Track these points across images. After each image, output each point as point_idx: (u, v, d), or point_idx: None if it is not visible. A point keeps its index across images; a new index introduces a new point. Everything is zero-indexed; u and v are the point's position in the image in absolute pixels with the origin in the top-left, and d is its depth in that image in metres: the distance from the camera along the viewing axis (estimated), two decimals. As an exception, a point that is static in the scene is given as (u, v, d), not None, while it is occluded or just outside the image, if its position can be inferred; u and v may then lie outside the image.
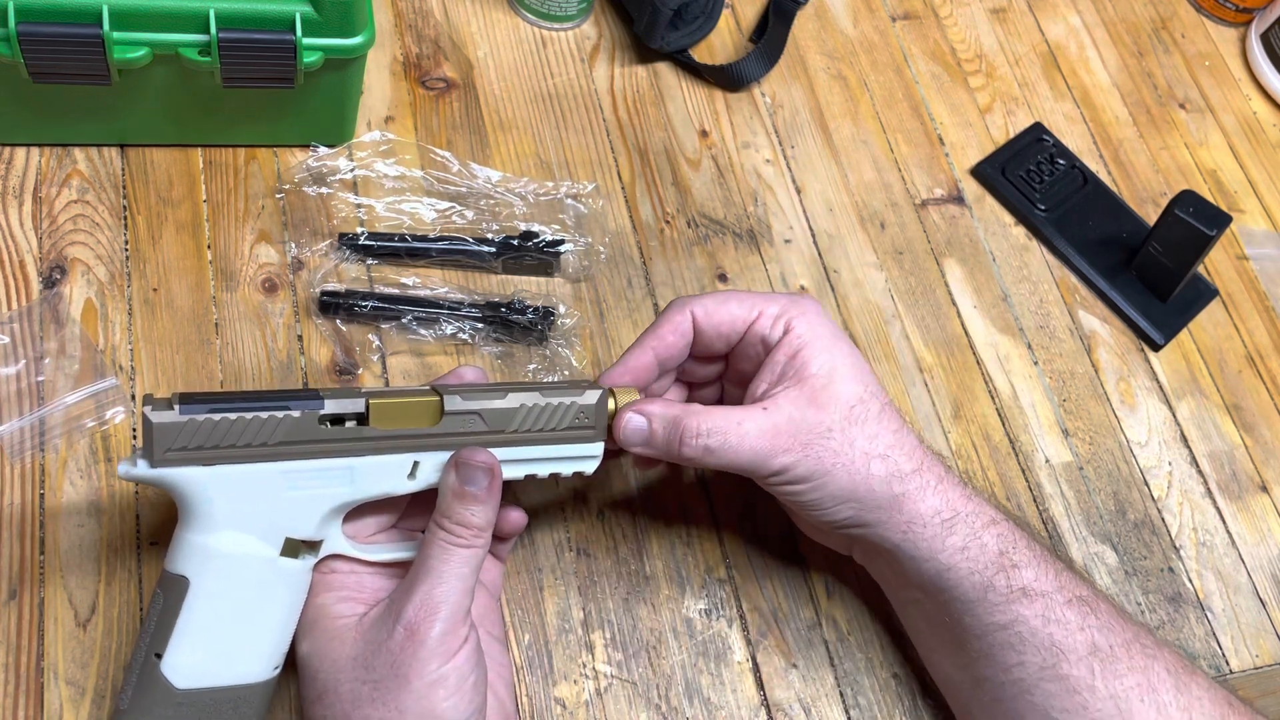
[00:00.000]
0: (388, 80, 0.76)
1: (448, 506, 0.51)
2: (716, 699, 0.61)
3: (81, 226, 0.67)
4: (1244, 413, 0.77)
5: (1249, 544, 0.72)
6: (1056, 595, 0.55)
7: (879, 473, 0.56)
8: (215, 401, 0.49)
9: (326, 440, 0.51)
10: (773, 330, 0.58)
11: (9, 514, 0.59)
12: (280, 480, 0.50)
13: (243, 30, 0.62)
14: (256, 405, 0.49)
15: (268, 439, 0.50)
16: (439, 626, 0.49)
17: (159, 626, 0.49)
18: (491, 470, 0.52)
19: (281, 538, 0.51)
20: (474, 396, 0.53)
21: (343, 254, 0.69)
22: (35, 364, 0.62)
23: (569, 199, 0.74)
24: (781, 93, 0.83)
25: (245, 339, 0.66)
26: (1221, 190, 0.87)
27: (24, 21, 0.60)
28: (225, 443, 0.49)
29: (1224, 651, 0.68)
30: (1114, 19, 0.94)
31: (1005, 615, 0.55)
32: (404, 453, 0.53)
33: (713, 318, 0.59)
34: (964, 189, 0.82)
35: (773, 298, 0.59)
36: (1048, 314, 0.78)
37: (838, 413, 0.56)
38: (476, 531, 0.51)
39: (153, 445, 0.48)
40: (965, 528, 0.56)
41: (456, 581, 0.50)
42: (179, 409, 0.48)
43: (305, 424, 0.50)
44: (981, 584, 0.55)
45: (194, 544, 0.49)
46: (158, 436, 0.48)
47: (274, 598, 0.51)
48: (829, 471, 0.55)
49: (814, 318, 0.58)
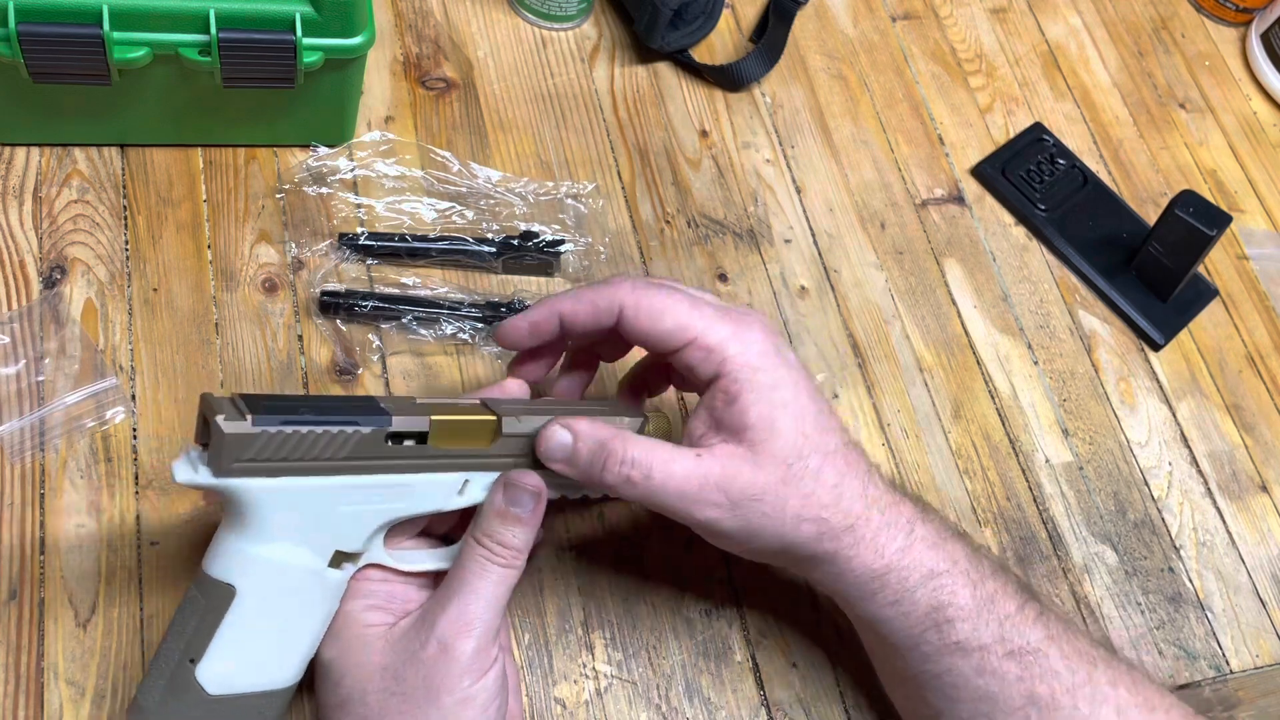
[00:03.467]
0: (388, 80, 0.76)
1: (490, 525, 0.51)
2: (716, 699, 0.61)
3: (81, 226, 0.67)
4: (1244, 413, 0.77)
5: (1249, 544, 0.72)
6: (995, 648, 0.53)
7: (808, 533, 0.53)
8: (284, 413, 0.48)
9: (389, 457, 0.50)
10: (705, 364, 0.53)
11: (9, 514, 0.59)
12: (340, 495, 0.50)
13: (243, 30, 0.62)
14: (328, 419, 0.48)
15: (334, 454, 0.49)
16: (472, 644, 0.49)
17: (198, 632, 0.49)
18: (539, 495, 0.52)
19: (332, 550, 0.50)
20: (527, 418, 0.53)
21: (343, 254, 0.69)
22: (35, 364, 0.62)
23: (569, 199, 0.74)
24: (781, 93, 0.83)
25: (245, 339, 0.66)
26: (1221, 190, 0.87)
27: (24, 21, 0.60)
28: (293, 456, 0.48)
29: (1224, 651, 0.68)
30: (1114, 19, 0.94)
31: (938, 665, 0.54)
32: (458, 471, 0.53)
33: (639, 323, 0.53)
34: (964, 189, 0.82)
35: (714, 318, 0.53)
36: (1048, 314, 0.78)
37: (774, 474, 0.53)
38: (516, 553, 0.51)
39: (221, 455, 0.46)
40: (897, 583, 0.54)
41: (491, 600, 0.50)
42: (252, 419, 0.46)
43: (372, 441, 0.49)
44: (914, 635, 0.54)
45: (245, 553, 0.49)
46: (228, 447, 0.46)
47: (314, 608, 0.51)
48: (756, 533, 0.53)
49: (754, 353, 0.53)
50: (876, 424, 0.71)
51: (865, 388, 0.72)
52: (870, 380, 0.73)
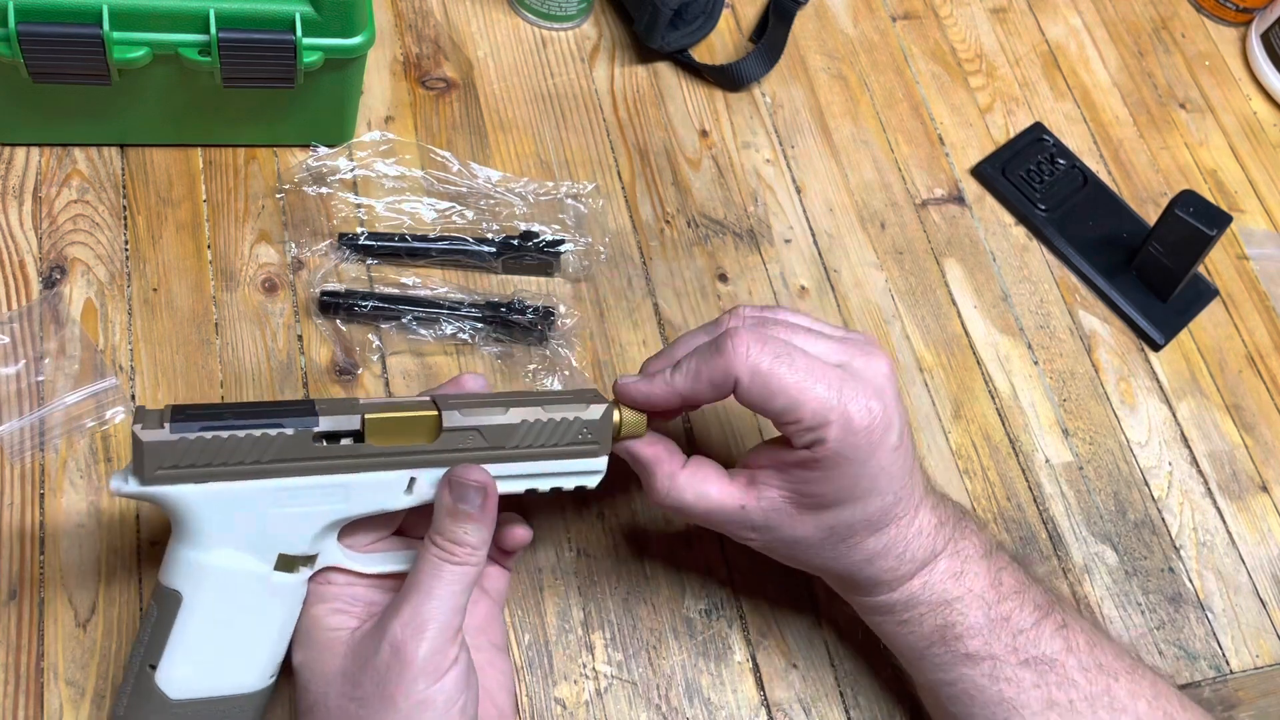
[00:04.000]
0: (388, 80, 0.76)
1: (441, 524, 0.50)
2: (716, 699, 0.61)
3: (81, 226, 0.67)
4: (1244, 413, 0.77)
5: (1249, 544, 0.72)
6: (1008, 657, 0.54)
7: (830, 573, 0.57)
8: (207, 419, 0.48)
9: (321, 458, 0.50)
10: (801, 438, 0.52)
11: (9, 514, 0.59)
12: (273, 497, 0.49)
13: (243, 30, 0.62)
14: (250, 423, 0.48)
15: (260, 457, 0.49)
16: (425, 645, 0.48)
17: (153, 639, 0.49)
18: (485, 489, 0.51)
19: (275, 553, 0.50)
20: (473, 411, 0.52)
21: (343, 254, 0.69)
22: (35, 364, 0.62)
23: (569, 199, 0.74)
24: (781, 93, 0.83)
25: (245, 339, 0.66)
26: (1222, 190, 0.87)
27: (24, 21, 0.60)
28: (217, 460, 0.48)
29: (1224, 651, 0.68)
30: (1114, 19, 0.94)
31: (949, 674, 0.55)
32: (401, 469, 0.51)
33: (751, 399, 0.52)
34: (964, 189, 0.82)
35: (825, 394, 0.51)
36: (1048, 314, 0.78)
37: (817, 534, 0.54)
38: (470, 550, 0.50)
39: (143, 463, 0.47)
40: (905, 610, 0.56)
41: (446, 600, 0.49)
42: (170, 426, 0.47)
43: (299, 442, 0.49)
44: (919, 649, 0.56)
45: (186, 559, 0.49)
46: (148, 455, 0.47)
47: (268, 612, 0.50)
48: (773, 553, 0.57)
49: (855, 434, 0.51)
50: (876, 424, 0.71)
51: (865, 388, 0.72)
52: (870, 380, 0.73)
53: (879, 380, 0.52)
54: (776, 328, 0.54)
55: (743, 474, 0.55)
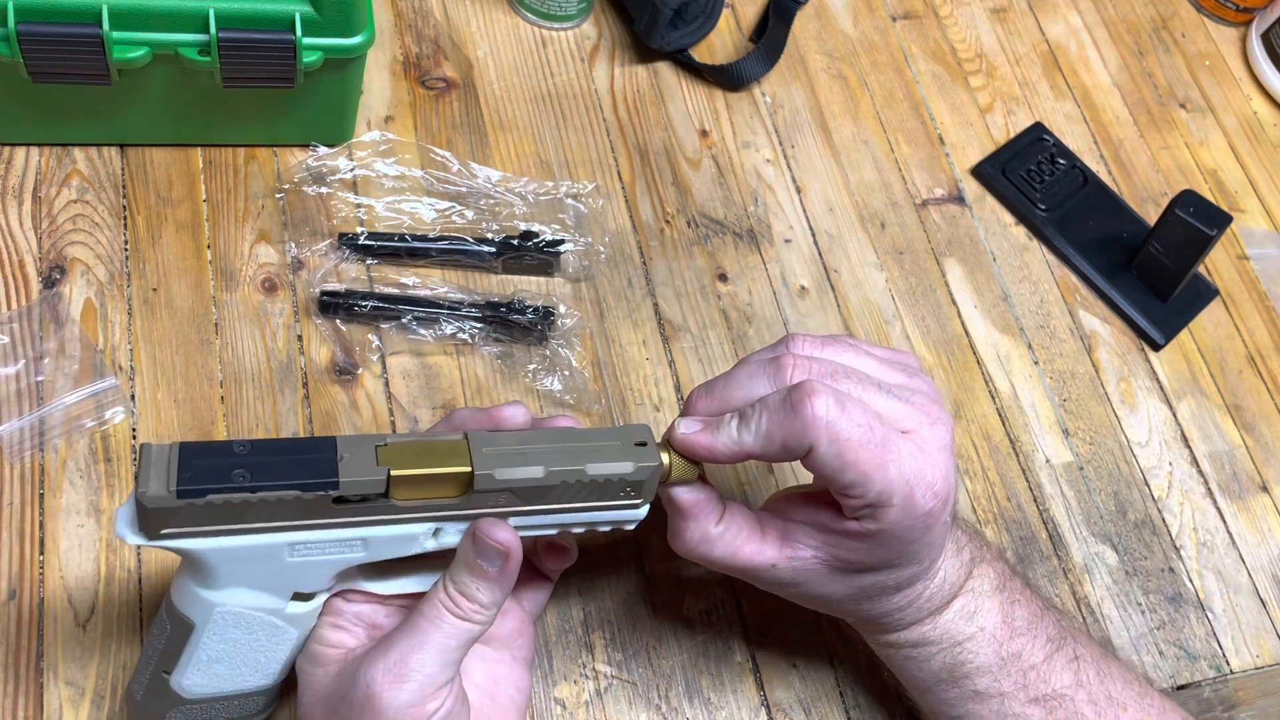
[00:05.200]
0: (388, 80, 0.76)
1: (457, 573, 0.48)
2: (716, 699, 0.61)
3: (81, 226, 0.67)
4: (1244, 413, 0.77)
5: (1249, 544, 0.72)
6: (1017, 694, 0.53)
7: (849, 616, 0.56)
8: (216, 478, 0.44)
9: (340, 515, 0.47)
10: (858, 511, 0.49)
11: (9, 514, 0.59)
12: (288, 549, 0.47)
13: (242, 30, 0.62)
14: (263, 484, 0.45)
15: (273, 517, 0.46)
16: (403, 696, 0.46)
17: (165, 652, 0.49)
18: (508, 553, 0.48)
19: (290, 591, 0.49)
20: (508, 468, 0.48)
21: (342, 254, 0.69)
22: (35, 364, 0.62)
23: (569, 199, 0.74)
24: (782, 93, 0.83)
25: (245, 339, 0.66)
26: (1222, 190, 0.87)
27: (24, 21, 0.60)
28: (227, 520, 0.45)
29: (1224, 651, 0.68)
30: (1114, 19, 0.94)
31: (955, 710, 0.55)
32: (426, 522, 0.49)
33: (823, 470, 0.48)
34: (964, 189, 0.82)
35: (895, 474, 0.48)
36: (1048, 314, 0.78)
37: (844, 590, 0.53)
38: (478, 608, 0.48)
39: (148, 523, 0.44)
40: (915, 647, 0.55)
41: (437, 653, 0.47)
42: (176, 491, 0.43)
43: (317, 504, 0.46)
44: (927, 683, 0.56)
45: (198, 595, 0.48)
46: (152, 518, 0.44)
47: (281, 634, 0.50)
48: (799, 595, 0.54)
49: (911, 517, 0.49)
50: (876, 424, 0.71)
51: (865, 388, 0.72)
52: (870, 380, 0.73)
53: (943, 454, 0.49)
54: (849, 381, 0.50)
55: (775, 525, 0.52)
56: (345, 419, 0.64)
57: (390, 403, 0.66)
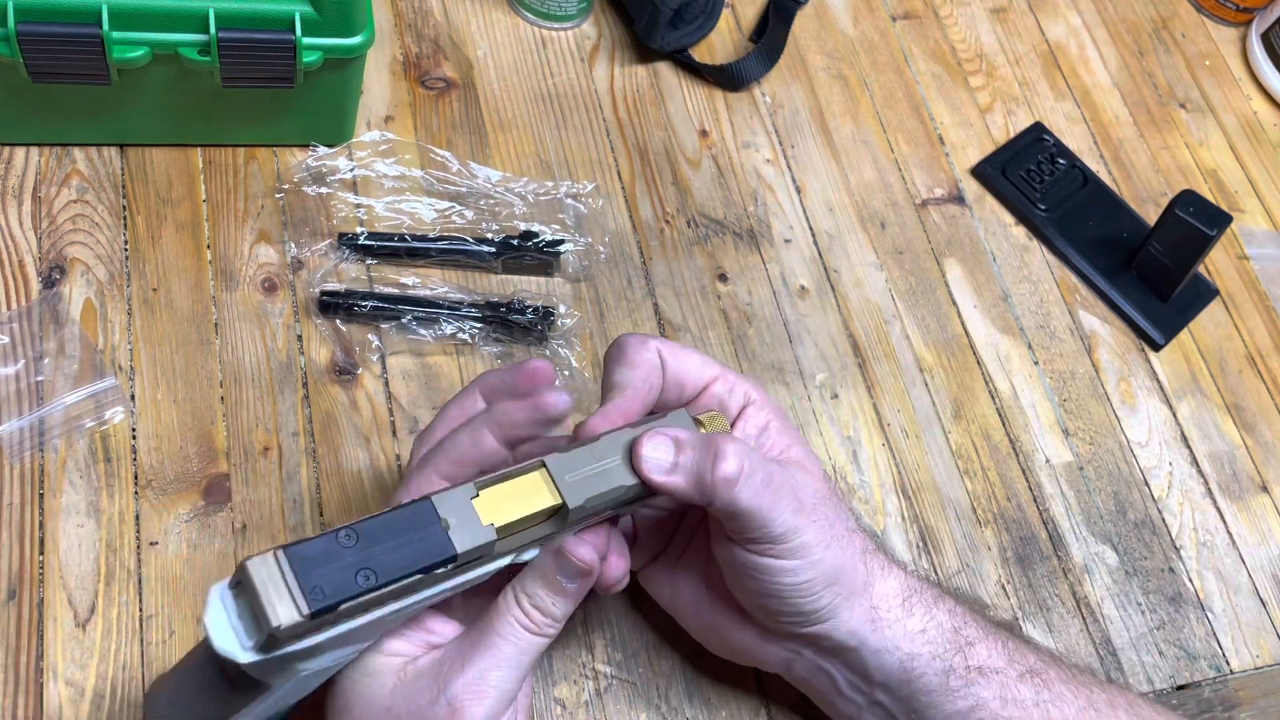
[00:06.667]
0: (387, 80, 0.76)
1: (533, 587, 0.48)
2: (717, 699, 0.61)
3: (81, 226, 0.67)
4: (1244, 413, 0.77)
5: (1249, 544, 0.72)
6: (1009, 670, 0.52)
7: (858, 546, 0.53)
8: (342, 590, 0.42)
9: (449, 577, 0.46)
10: (733, 396, 0.54)
11: (9, 514, 0.59)
12: (391, 617, 0.45)
13: (242, 30, 0.62)
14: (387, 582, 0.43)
15: (389, 600, 0.44)
16: (484, 710, 0.46)
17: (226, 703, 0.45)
18: (590, 572, 0.48)
19: (378, 639, 0.48)
20: (595, 491, 0.49)
21: (342, 254, 0.69)
22: (34, 364, 0.62)
23: (569, 199, 0.74)
24: (781, 92, 0.83)
25: (245, 339, 0.66)
26: (1222, 190, 0.87)
27: (24, 21, 0.60)
28: (346, 618, 0.43)
29: (1224, 651, 0.68)
30: (1114, 18, 0.94)
31: (966, 701, 0.52)
32: (513, 553, 0.49)
33: (679, 360, 0.54)
34: (964, 189, 0.82)
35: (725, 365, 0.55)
36: (1048, 314, 0.78)
37: (823, 484, 0.53)
38: (551, 622, 0.48)
39: (272, 643, 0.41)
40: (921, 606, 0.53)
41: (514, 669, 0.47)
42: (310, 614, 0.41)
43: (433, 577, 0.45)
44: (943, 669, 0.52)
45: (286, 666, 0.44)
46: (281, 639, 0.41)
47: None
48: (827, 545, 0.51)
49: (764, 392, 0.55)
50: (876, 424, 0.71)
51: (865, 388, 0.72)
52: (870, 380, 0.73)
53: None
54: None
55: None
56: (345, 419, 0.64)
57: (390, 403, 0.66)
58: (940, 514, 0.69)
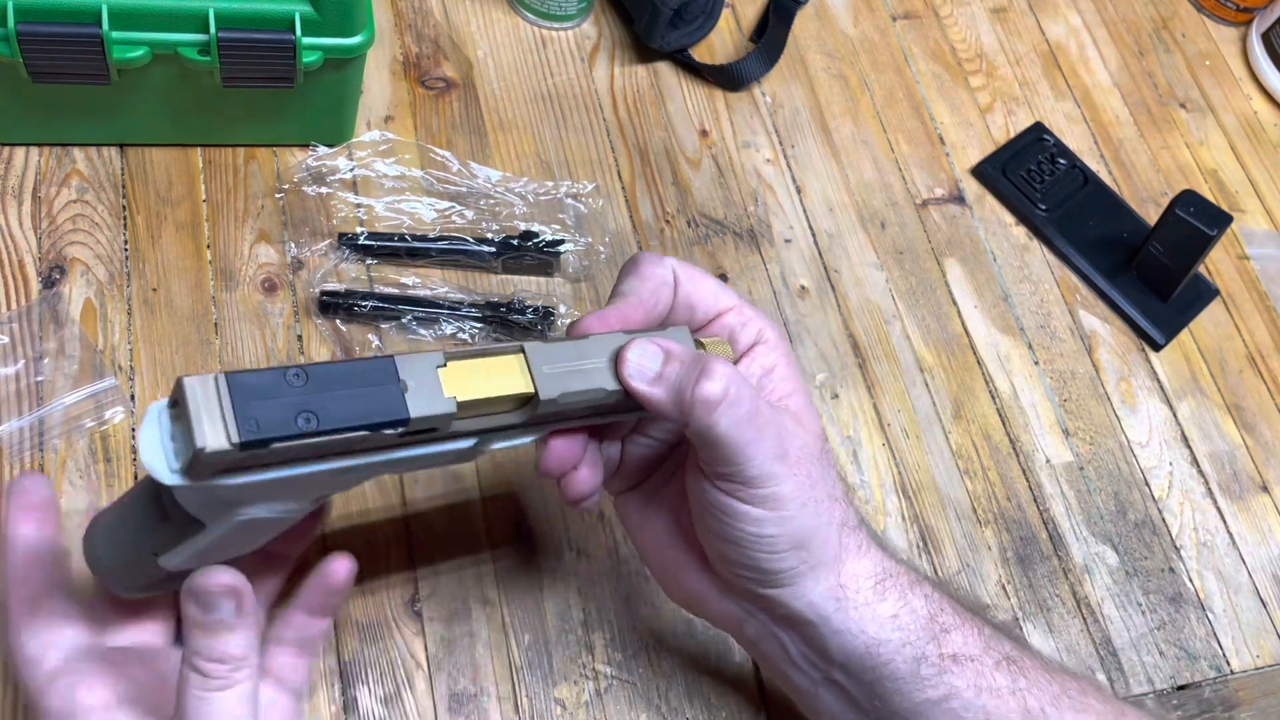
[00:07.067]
0: (387, 80, 0.76)
1: (196, 643, 0.43)
2: (717, 699, 0.61)
3: (81, 226, 0.67)
4: (1245, 413, 0.77)
5: (1250, 544, 0.72)
6: (985, 658, 0.50)
7: (836, 518, 0.49)
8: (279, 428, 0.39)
9: (398, 443, 0.43)
10: (745, 330, 0.51)
11: (8, 514, 0.59)
12: (334, 474, 0.43)
13: (242, 30, 0.62)
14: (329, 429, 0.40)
15: (330, 452, 0.42)
16: None
17: (160, 539, 0.44)
18: (237, 590, 0.42)
19: (316, 500, 0.45)
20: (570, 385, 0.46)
21: (342, 254, 0.69)
22: (34, 364, 0.62)
23: (569, 199, 0.74)
24: (782, 92, 0.83)
25: (245, 339, 0.66)
26: (1222, 190, 0.87)
27: (23, 21, 0.60)
28: (282, 462, 0.41)
29: (1225, 652, 0.68)
30: (1114, 18, 0.94)
31: (938, 690, 0.49)
32: (472, 436, 0.46)
33: (694, 284, 0.51)
34: (964, 189, 0.82)
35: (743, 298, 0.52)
36: (1048, 314, 0.78)
37: (815, 442, 0.49)
38: (236, 663, 0.43)
39: (196, 470, 0.40)
40: (895, 590, 0.50)
41: None
42: (239, 444, 0.38)
43: (380, 438, 0.42)
44: (914, 655, 0.49)
45: (219, 508, 0.42)
46: (204, 466, 0.39)
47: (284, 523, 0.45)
48: (802, 504, 0.48)
49: (782, 334, 0.53)
50: (877, 424, 0.71)
51: (865, 388, 0.72)
52: (870, 380, 0.73)
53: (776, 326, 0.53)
54: None
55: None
56: (345, 419, 0.64)
57: (390, 403, 0.65)
58: (940, 514, 0.69)
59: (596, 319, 0.49)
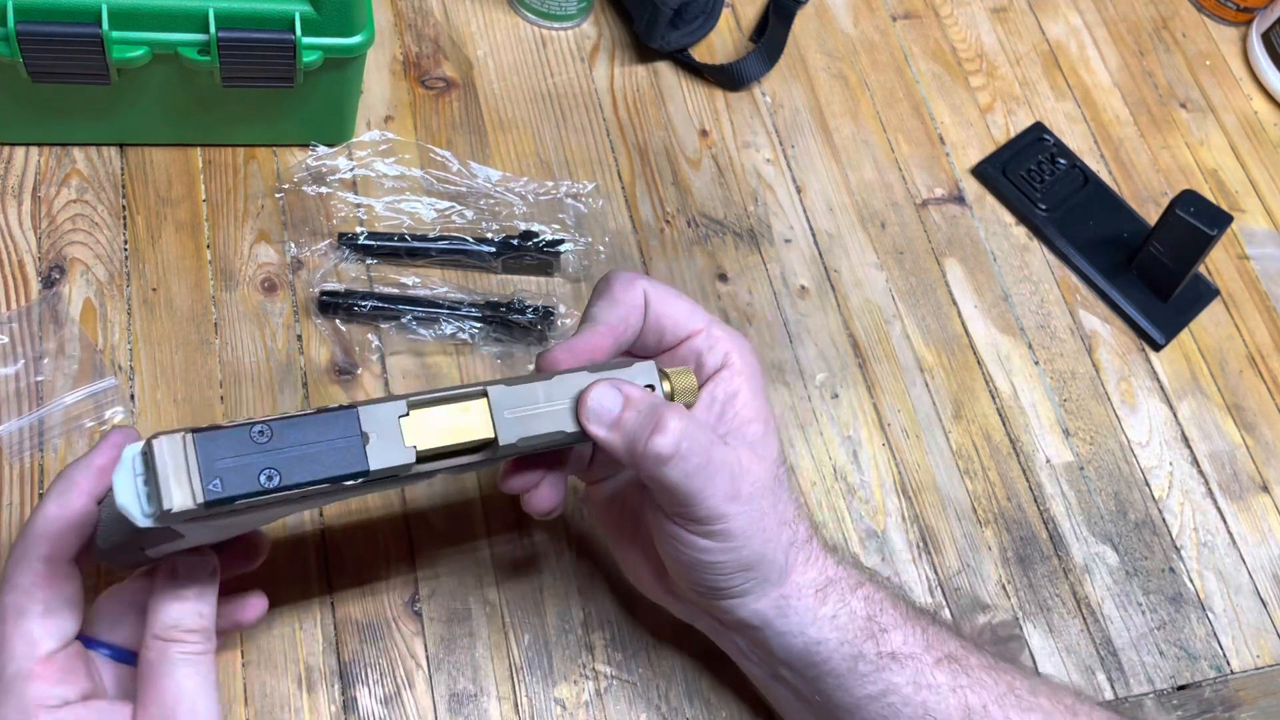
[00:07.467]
0: (387, 80, 0.76)
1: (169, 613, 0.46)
2: (716, 699, 0.61)
3: (80, 226, 0.67)
4: (1245, 413, 0.77)
5: (1250, 544, 0.72)
6: (925, 656, 0.52)
7: (784, 541, 0.52)
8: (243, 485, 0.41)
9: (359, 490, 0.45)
10: (711, 354, 0.52)
11: (9, 514, 0.59)
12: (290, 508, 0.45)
13: (242, 30, 0.62)
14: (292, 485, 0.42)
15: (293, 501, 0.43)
16: None
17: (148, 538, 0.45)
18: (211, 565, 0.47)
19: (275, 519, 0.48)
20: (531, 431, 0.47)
21: (342, 254, 0.69)
22: (34, 364, 0.62)
23: (569, 199, 0.74)
24: (782, 92, 0.83)
25: (244, 339, 0.66)
26: (1222, 190, 0.87)
27: (23, 21, 0.60)
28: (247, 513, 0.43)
29: (1225, 652, 0.68)
30: (1115, 18, 0.94)
31: (877, 685, 0.52)
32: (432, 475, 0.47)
33: (665, 306, 0.52)
34: (964, 189, 0.82)
35: (713, 318, 0.54)
36: (1048, 314, 0.78)
37: (768, 472, 0.51)
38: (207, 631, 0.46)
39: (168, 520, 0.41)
40: (836, 594, 0.52)
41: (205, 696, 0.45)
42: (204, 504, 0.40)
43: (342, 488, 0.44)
44: (852, 654, 0.52)
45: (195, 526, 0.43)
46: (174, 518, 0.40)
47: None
48: (750, 536, 0.50)
49: (750, 355, 0.53)
50: (877, 424, 0.71)
51: (865, 388, 0.72)
52: (870, 380, 0.73)
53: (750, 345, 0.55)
54: None
55: None
56: (345, 419, 0.64)
57: (390, 403, 0.65)
58: (940, 514, 0.69)
59: (566, 352, 0.50)
